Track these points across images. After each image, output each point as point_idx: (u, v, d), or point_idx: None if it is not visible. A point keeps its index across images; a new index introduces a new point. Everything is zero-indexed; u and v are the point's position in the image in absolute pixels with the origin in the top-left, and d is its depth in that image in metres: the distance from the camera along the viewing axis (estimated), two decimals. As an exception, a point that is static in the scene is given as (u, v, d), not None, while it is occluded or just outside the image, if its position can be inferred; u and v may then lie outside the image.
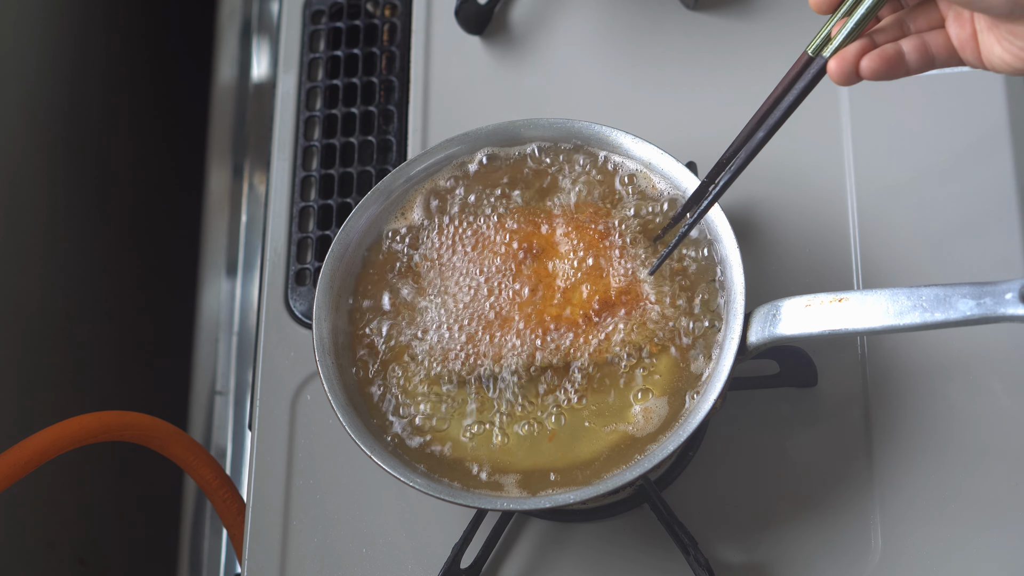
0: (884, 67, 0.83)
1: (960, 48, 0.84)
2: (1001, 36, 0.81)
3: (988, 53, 0.83)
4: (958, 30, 0.84)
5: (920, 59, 0.84)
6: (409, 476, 0.88)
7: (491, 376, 0.92)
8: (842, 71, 0.83)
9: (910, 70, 0.84)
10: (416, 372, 0.93)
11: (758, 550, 0.97)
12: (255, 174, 1.30)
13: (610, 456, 0.90)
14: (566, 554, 0.99)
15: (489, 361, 0.92)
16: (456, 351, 0.93)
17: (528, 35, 1.15)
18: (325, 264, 0.95)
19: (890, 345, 1.01)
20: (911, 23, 0.85)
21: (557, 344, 0.92)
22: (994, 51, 0.82)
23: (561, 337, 0.92)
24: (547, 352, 0.92)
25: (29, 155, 1.30)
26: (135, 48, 1.52)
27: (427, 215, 0.98)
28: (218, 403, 1.24)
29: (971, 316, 0.80)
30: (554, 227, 0.96)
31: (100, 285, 1.40)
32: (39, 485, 1.12)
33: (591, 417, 0.91)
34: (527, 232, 0.96)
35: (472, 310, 0.94)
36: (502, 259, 0.95)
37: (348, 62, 1.17)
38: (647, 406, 0.90)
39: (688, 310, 0.93)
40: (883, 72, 0.83)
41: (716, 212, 0.93)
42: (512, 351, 0.92)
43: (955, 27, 0.84)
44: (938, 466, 0.97)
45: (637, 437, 0.90)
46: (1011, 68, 0.82)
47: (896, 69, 0.83)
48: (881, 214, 1.05)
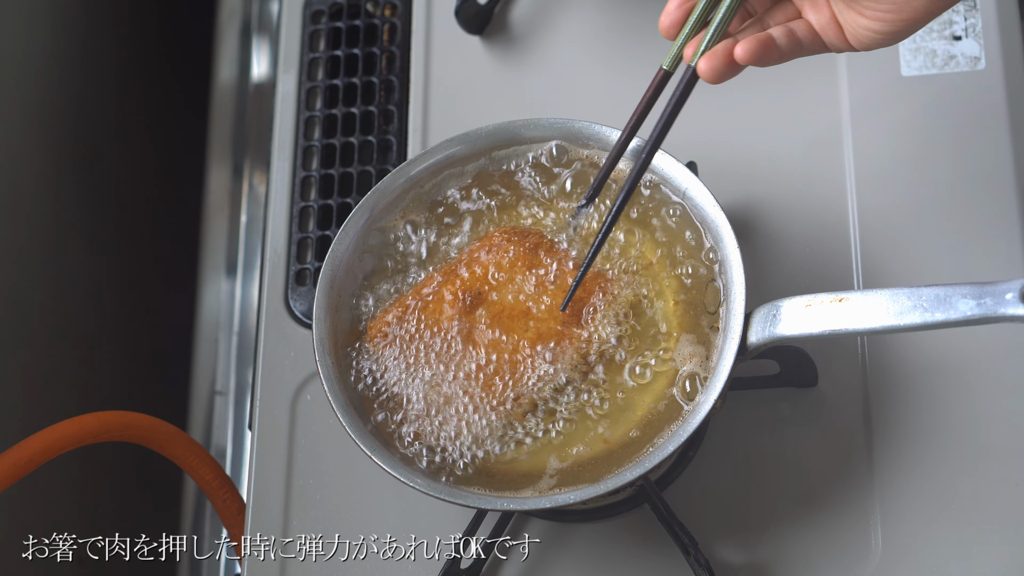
0: (759, 49, 0.84)
1: (822, 32, 0.86)
2: (863, 8, 0.83)
3: (854, 30, 0.84)
4: (816, 16, 0.86)
5: (789, 43, 0.85)
6: (409, 476, 0.88)
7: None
8: (713, 68, 0.84)
9: (783, 54, 0.85)
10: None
11: (758, 550, 0.97)
12: (255, 174, 1.30)
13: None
14: (566, 554, 0.99)
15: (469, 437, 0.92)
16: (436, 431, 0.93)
17: (528, 35, 1.15)
18: (325, 264, 0.95)
19: (890, 345, 1.01)
20: (770, 20, 0.87)
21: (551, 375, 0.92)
22: (859, 24, 0.84)
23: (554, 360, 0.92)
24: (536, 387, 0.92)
25: (29, 155, 1.30)
26: (135, 48, 1.52)
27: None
28: (218, 403, 1.24)
29: (971, 316, 0.80)
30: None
31: (100, 285, 1.40)
32: (39, 485, 1.12)
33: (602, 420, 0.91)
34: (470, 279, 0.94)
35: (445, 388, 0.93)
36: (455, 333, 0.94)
37: (348, 62, 1.17)
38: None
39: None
40: (758, 55, 0.84)
41: (716, 212, 0.93)
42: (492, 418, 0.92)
43: (812, 14, 0.86)
44: (938, 466, 0.97)
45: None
46: (882, 36, 0.84)
47: (770, 52, 0.85)
48: (881, 214, 1.05)
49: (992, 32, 1.08)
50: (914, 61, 1.09)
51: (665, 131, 0.89)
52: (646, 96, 0.90)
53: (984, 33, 1.08)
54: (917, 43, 1.09)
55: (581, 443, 0.90)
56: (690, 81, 0.87)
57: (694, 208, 0.94)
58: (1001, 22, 1.08)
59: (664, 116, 0.88)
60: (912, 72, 1.08)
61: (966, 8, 1.09)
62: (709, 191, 0.93)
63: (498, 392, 0.91)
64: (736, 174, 1.07)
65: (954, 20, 1.09)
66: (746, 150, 1.08)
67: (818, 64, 1.08)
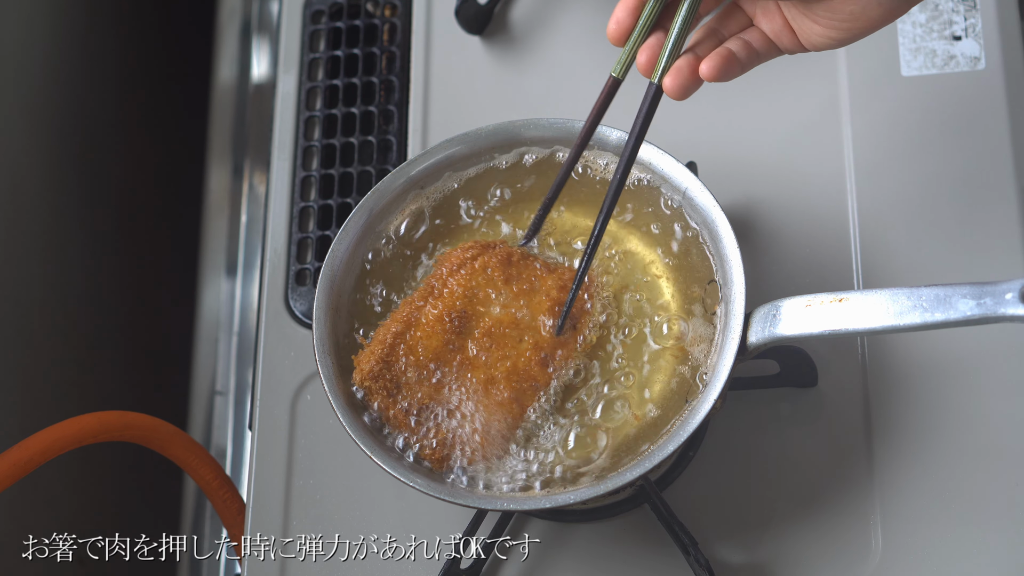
0: (724, 65, 0.85)
1: (776, 39, 0.87)
2: (818, 17, 0.84)
3: (808, 35, 0.86)
4: (769, 24, 0.87)
5: (747, 55, 0.87)
6: (409, 476, 0.88)
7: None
8: (679, 84, 0.85)
9: (743, 66, 0.87)
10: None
11: (758, 550, 0.97)
12: (255, 174, 1.30)
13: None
14: (566, 554, 0.99)
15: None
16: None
17: (528, 35, 1.15)
18: (325, 264, 0.95)
19: (890, 345, 1.01)
20: (723, 30, 0.88)
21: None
22: (814, 32, 0.85)
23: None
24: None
25: (29, 155, 1.30)
26: (135, 48, 1.52)
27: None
28: (218, 403, 1.24)
29: (971, 316, 0.80)
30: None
31: (100, 285, 1.40)
32: (39, 485, 1.12)
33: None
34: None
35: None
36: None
37: (348, 62, 1.17)
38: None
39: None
40: (723, 71, 0.85)
41: (716, 212, 0.93)
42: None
43: (765, 22, 0.87)
44: (938, 466, 0.97)
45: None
46: (837, 42, 0.85)
47: (732, 67, 0.86)
48: (881, 214, 1.05)
49: (992, 32, 1.08)
50: (914, 61, 1.09)
51: (635, 152, 0.88)
52: (596, 106, 0.89)
53: (984, 33, 1.08)
54: (917, 43, 1.09)
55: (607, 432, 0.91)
56: (655, 99, 0.87)
57: (694, 208, 0.94)
58: (1001, 22, 1.08)
59: (632, 137, 0.87)
60: (912, 72, 1.08)
61: (966, 8, 1.09)
62: (709, 191, 0.93)
63: (505, 413, 0.91)
64: (736, 174, 1.07)
65: (954, 20, 1.09)
66: (746, 150, 1.08)
67: (818, 64, 1.08)
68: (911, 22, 1.09)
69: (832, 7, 0.83)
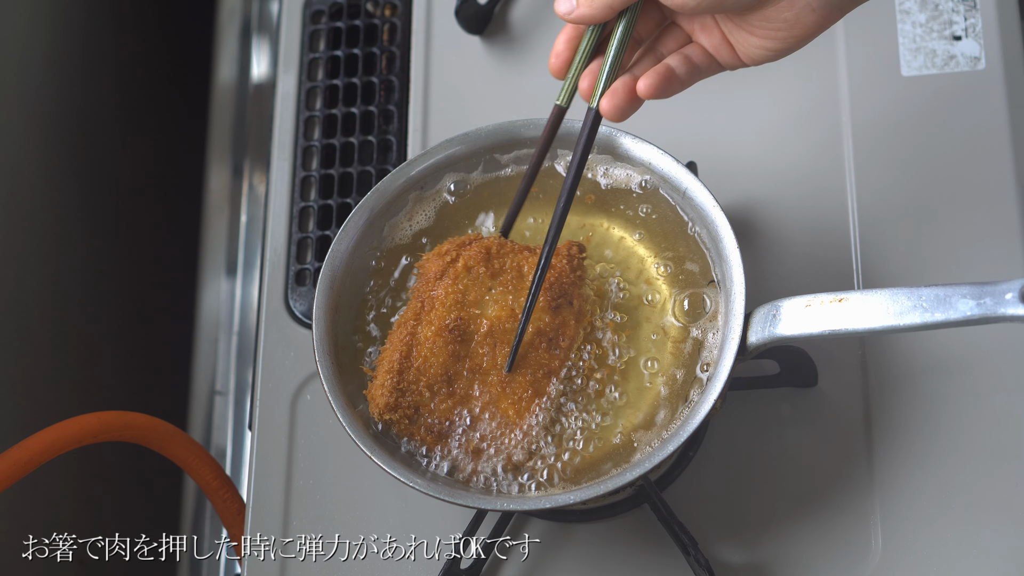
0: (661, 83, 0.85)
1: (716, 54, 0.87)
2: (754, 28, 0.84)
3: (746, 48, 0.86)
4: (708, 39, 0.87)
5: (687, 71, 0.86)
6: (409, 476, 0.88)
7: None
8: (615, 106, 0.85)
9: (683, 82, 0.87)
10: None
11: (758, 550, 0.97)
12: (255, 174, 1.30)
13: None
14: (566, 554, 0.99)
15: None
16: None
17: (528, 35, 1.15)
18: (325, 264, 0.95)
19: (890, 345, 1.01)
20: (662, 49, 0.88)
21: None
22: (751, 44, 0.85)
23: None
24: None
25: (29, 155, 1.30)
26: (135, 48, 1.52)
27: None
28: (218, 403, 1.24)
29: (971, 316, 0.80)
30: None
31: (99, 285, 1.40)
32: (39, 485, 1.12)
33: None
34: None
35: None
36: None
37: (348, 62, 1.17)
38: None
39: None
40: (660, 87, 0.85)
41: (716, 212, 0.93)
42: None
43: (704, 38, 0.87)
44: (938, 466, 0.97)
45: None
46: (774, 53, 0.85)
47: (672, 83, 0.86)
48: (881, 214, 1.05)
49: (992, 32, 1.08)
50: (914, 61, 1.09)
51: (579, 175, 0.88)
52: (544, 135, 0.89)
53: (984, 33, 1.08)
54: (917, 43, 1.09)
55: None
56: (595, 123, 0.87)
57: (693, 208, 0.94)
58: (1001, 22, 1.08)
59: (575, 160, 0.87)
60: (912, 72, 1.08)
61: (966, 8, 1.09)
62: (709, 191, 0.93)
63: (527, 405, 0.90)
64: (736, 174, 1.07)
65: (954, 20, 1.09)
66: (746, 150, 1.08)
67: (818, 64, 1.08)
68: (911, 22, 1.09)
69: (767, 15, 0.83)
